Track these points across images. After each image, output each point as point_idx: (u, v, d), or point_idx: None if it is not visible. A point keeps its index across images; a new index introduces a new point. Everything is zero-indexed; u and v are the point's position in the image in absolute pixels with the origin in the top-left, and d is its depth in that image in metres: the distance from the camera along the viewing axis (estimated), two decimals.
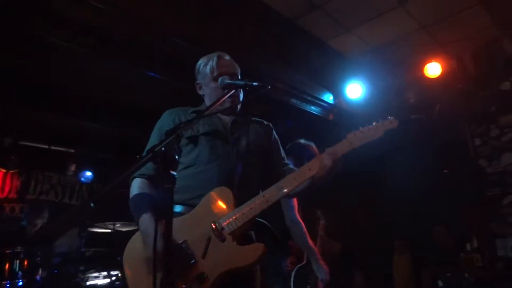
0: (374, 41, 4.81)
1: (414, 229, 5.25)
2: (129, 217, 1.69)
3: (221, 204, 1.61)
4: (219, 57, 1.88)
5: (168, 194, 1.11)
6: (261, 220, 1.72)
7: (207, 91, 1.89)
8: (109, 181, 1.38)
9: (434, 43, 4.83)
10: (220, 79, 1.76)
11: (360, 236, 5.69)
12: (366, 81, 5.21)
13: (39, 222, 4.25)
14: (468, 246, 4.59)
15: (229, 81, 1.69)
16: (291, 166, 1.96)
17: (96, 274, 3.90)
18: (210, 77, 1.84)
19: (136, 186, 1.70)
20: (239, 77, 1.90)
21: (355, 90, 5.18)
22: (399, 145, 5.36)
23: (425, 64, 4.90)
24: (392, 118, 1.65)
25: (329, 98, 5.30)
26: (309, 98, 5.00)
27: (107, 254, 4.27)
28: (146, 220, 1.58)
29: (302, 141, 3.26)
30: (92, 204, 0.99)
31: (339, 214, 6.03)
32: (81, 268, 3.87)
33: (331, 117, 5.43)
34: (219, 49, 1.91)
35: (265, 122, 2.03)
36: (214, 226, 1.55)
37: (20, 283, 3.25)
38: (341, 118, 5.44)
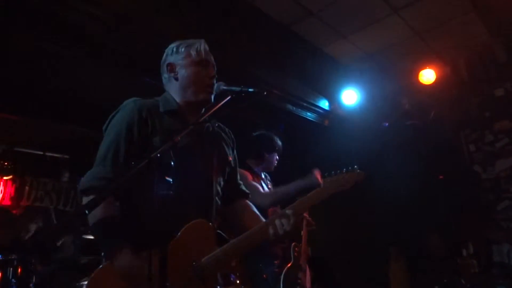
0: (369, 47, 4.86)
1: (409, 235, 5.26)
2: None
3: (202, 241, 1.46)
4: (205, 45, 1.72)
5: (164, 202, 1.09)
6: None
7: (184, 73, 1.66)
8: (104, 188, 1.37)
9: (428, 50, 4.88)
10: (216, 85, 1.65)
11: (352, 243, 5.68)
12: (361, 87, 5.24)
13: (33, 228, 4.22)
14: (464, 252, 4.59)
15: (225, 87, 1.60)
16: (243, 187, 1.88)
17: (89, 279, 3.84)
18: (195, 60, 1.66)
19: (103, 205, 1.34)
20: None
21: (350, 96, 5.21)
22: (392, 151, 5.39)
23: (419, 70, 4.95)
24: (359, 170, 1.66)
25: (324, 104, 5.32)
26: (304, 104, 5.02)
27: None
28: (129, 255, 1.34)
29: (264, 132, 3.24)
30: (87, 211, 0.98)
31: (328, 221, 6.02)
32: (76, 275, 3.83)
33: (326, 123, 5.45)
34: (213, 56, 1.79)
35: (227, 130, 1.88)
36: (194, 266, 1.41)
37: None
38: (336, 124, 5.46)
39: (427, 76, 4.90)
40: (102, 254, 1.44)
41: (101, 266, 1.38)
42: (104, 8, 2.95)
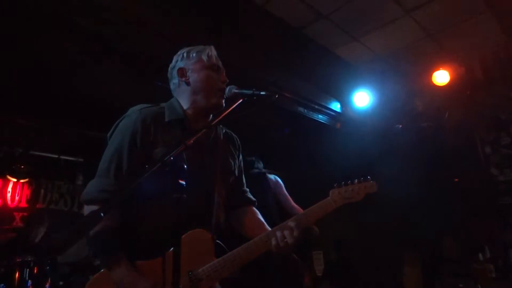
0: (381, 49, 4.81)
1: (424, 239, 5.17)
2: None
3: (200, 251, 1.44)
4: (214, 51, 1.74)
5: (177, 205, 1.09)
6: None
7: (195, 78, 1.65)
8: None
9: (441, 51, 4.82)
10: (227, 88, 1.63)
11: (366, 248, 5.62)
12: (373, 89, 5.19)
13: (42, 230, 4.27)
14: (481, 256, 4.49)
15: (236, 91, 1.58)
16: (249, 195, 1.85)
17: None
18: (207, 64, 1.66)
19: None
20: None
21: (362, 98, 5.17)
22: (405, 153, 5.32)
23: (433, 72, 4.88)
24: (372, 181, 1.56)
25: (336, 106, 5.29)
26: (316, 106, 5.00)
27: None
28: (126, 267, 1.36)
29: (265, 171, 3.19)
30: (102, 214, 0.99)
31: (341, 224, 5.98)
32: (90, 277, 3.88)
33: (338, 125, 5.42)
34: (225, 59, 1.81)
35: (234, 137, 1.86)
36: (191, 277, 1.39)
37: None
38: (348, 126, 5.42)
39: (441, 77, 4.83)
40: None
41: (98, 273, 1.42)
42: (116, 12, 2.99)
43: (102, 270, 1.41)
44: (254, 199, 1.85)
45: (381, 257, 5.44)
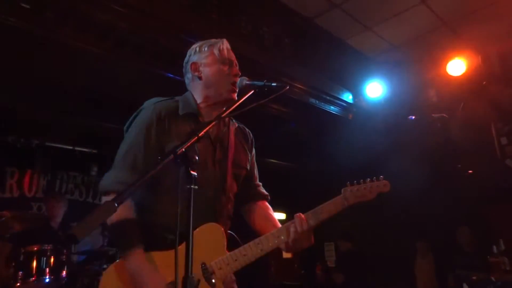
0: (395, 39, 4.73)
1: (437, 231, 5.13)
2: None
3: (212, 244, 1.47)
4: (227, 44, 1.72)
5: (189, 196, 1.10)
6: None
7: (207, 72, 1.65)
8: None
9: (457, 40, 4.71)
10: (239, 80, 1.64)
11: (378, 239, 5.60)
12: (386, 80, 5.12)
13: (61, 213, 4.38)
14: (495, 249, 4.44)
15: (248, 82, 1.59)
16: (261, 189, 1.85)
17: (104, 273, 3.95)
18: (219, 58, 1.66)
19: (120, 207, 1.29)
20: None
21: (375, 89, 5.11)
22: (418, 144, 5.26)
23: (448, 61, 4.79)
24: (385, 181, 1.54)
25: (348, 97, 5.24)
26: (328, 97, 4.96)
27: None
28: (139, 259, 1.38)
29: None
30: (116, 204, 1.01)
31: (352, 215, 5.95)
32: (104, 266, 3.96)
33: (350, 116, 5.37)
34: (236, 50, 1.79)
35: (247, 131, 1.85)
36: (204, 269, 1.42)
37: (47, 280, 3.34)
38: (360, 117, 5.37)
39: (456, 67, 4.74)
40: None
41: (114, 262, 1.46)
42: (129, 4, 3.00)
43: (117, 260, 1.45)
44: (266, 193, 1.86)
45: (393, 249, 5.42)
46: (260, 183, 1.88)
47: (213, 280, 1.42)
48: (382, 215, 5.60)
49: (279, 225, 1.63)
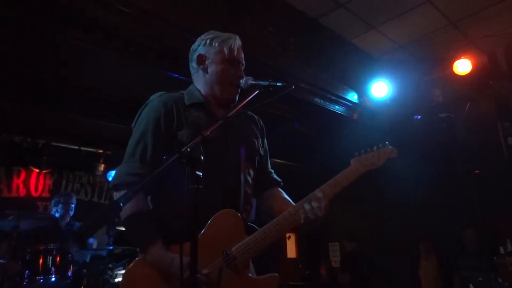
0: (400, 38, 4.71)
1: (442, 231, 5.09)
2: None
3: (231, 230, 1.47)
4: (239, 42, 1.71)
5: (194, 196, 1.10)
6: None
7: (213, 69, 1.65)
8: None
9: (463, 39, 4.68)
10: (244, 79, 1.63)
11: (382, 239, 5.58)
12: (392, 79, 5.10)
13: (70, 213, 4.42)
14: (502, 250, 4.40)
15: (253, 82, 1.59)
16: (274, 175, 1.86)
17: (124, 271, 4.00)
18: (227, 58, 1.65)
19: (134, 200, 1.37)
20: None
21: (380, 88, 5.08)
22: (424, 144, 5.22)
23: (454, 61, 4.75)
24: (392, 147, 1.57)
25: (353, 97, 5.22)
26: (333, 97, 4.95)
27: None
28: (160, 249, 1.38)
29: None
30: (121, 204, 1.02)
31: (356, 215, 5.94)
32: (110, 265, 3.98)
33: (355, 116, 5.35)
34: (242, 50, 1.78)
35: (256, 118, 1.86)
36: (225, 256, 1.42)
37: (53, 279, 3.37)
38: (365, 117, 5.35)
39: (462, 66, 4.70)
40: (137, 248, 1.48)
41: (135, 259, 1.44)
42: (133, 4, 3.01)
43: (137, 258, 1.44)
44: (279, 179, 1.87)
45: (398, 249, 5.39)
46: (273, 170, 1.89)
47: (237, 267, 1.43)
48: (387, 215, 5.59)
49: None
